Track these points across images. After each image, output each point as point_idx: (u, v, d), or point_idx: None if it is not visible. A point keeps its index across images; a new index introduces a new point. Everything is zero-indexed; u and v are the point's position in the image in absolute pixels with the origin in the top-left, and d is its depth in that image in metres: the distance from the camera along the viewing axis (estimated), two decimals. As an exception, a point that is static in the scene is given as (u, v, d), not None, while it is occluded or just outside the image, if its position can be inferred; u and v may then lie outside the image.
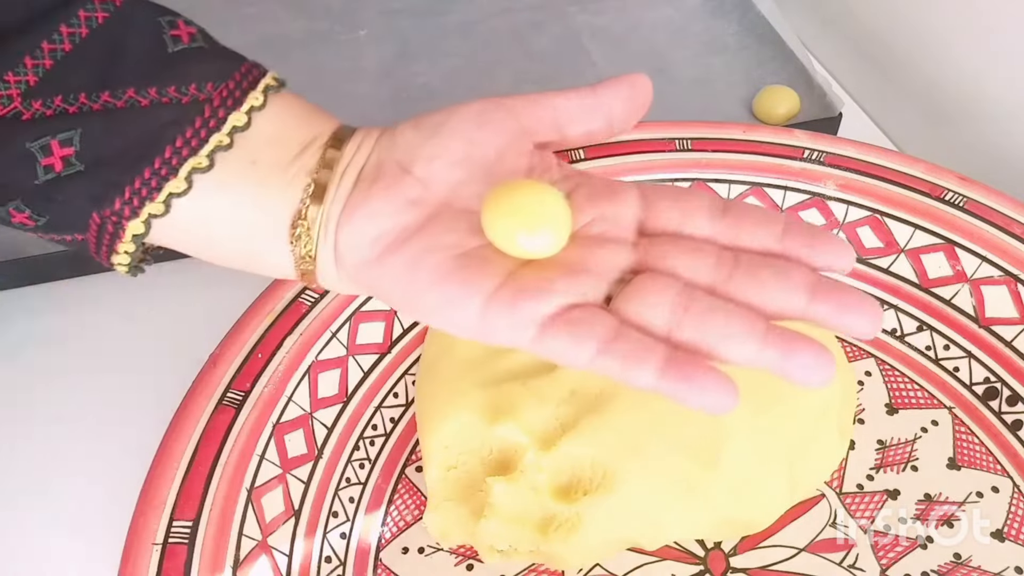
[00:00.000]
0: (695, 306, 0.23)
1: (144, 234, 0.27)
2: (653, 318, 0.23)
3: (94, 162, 0.25)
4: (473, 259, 0.25)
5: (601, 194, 0.27)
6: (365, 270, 0.27)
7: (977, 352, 0.40)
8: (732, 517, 0.34)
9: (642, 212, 0.26)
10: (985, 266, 0.40)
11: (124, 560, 0.30)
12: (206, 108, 0.26)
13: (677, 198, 0.26)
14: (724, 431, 0.34)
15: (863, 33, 0.65)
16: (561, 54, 0.61)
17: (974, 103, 0.56)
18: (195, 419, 0.34)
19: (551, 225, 0.24)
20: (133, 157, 0.26)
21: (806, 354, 0.22)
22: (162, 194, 0.26)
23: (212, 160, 0.26)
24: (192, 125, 0.26)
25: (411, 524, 0.37)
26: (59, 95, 0.25)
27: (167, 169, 0.26)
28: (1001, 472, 0.37)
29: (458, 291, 0.25)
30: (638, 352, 0.22)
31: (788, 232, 0.25)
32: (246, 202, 0.27)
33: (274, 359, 0.37)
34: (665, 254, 0.25)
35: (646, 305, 0.23)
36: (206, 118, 0.26)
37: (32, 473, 0.41)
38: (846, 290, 0.23)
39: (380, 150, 0.28)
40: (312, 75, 0.60)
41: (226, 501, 0.33)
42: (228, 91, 0.27)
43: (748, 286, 0.24)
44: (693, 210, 0.26)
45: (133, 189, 0.26)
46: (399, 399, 0.40)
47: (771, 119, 0.55)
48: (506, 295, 0.24)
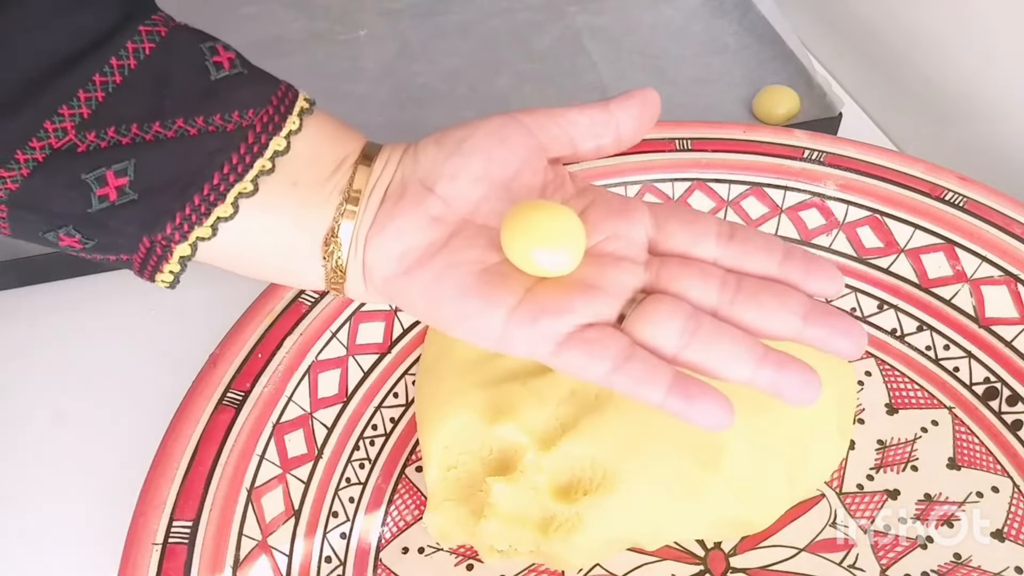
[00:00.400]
0: (702, 330, 0.25)
1: (191, 256, 0.28)
2: (664, 341, 0.25)
3: (146, 191, 0.26)
4: (494, 275, 0.27)
5: (615, 212, 0.28)
6: (392, 283, 0.28)
7: (977, 352, 0.40)
8: (732, 517, 0.34)
9: (653, 232, 0.28)
10: (985, 266, 0.40)
11: (124, 560, 0.31)
12: (249, 135, 0.27)
13: (687, 220, 0.28)
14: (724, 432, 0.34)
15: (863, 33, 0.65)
16: (561, 54, 0.61)
17: (974, 103, 0.56)
18: (195, 419, 0.34)
19: (566, 247, 0.26)
20: (183, 185, 0.27)
21: (796, 375, 0.25)
22: (210, 219, 0.27)
23: (256, 185, 0.28)
24: (237, 151, 0.27)
25: (411, 524, 0.37)
26: (112, 126, 0.26)
27: (215, 195, 0.27)
28: (1001, 472, 0.37)
29: (480, 305, 0.26)
30: (648, 373, 0.24)
31: (788, 258, 0.27)
32: (287, 223, 0.29)
33: (274, 359, 0.37)
34: (675, 276, 0.27)
35: (658, 327, 0.25)
36: (250, 144, 0.27)
37: (32, 473, 0.41)
38: (837, 315, 0.26)
39: (404, 168, 0.29)
40: (312, 75, 0.60)
41: (226, 501, 0.33)
42: (268, 116, 0.28)
43: (750, 309, 0.26)
44: (702, 233, 0.28)
45: (184, 215, 0.27)
46: (399, 399, 0.40)
47: (771, 119, 0.55)
48: (527, 311, 0.26)
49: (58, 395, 0.44)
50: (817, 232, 0.44)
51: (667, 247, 0.28)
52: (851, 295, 0.43)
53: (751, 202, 0.45)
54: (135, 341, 0.46)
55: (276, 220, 0.28)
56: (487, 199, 0.28)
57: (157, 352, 0.44)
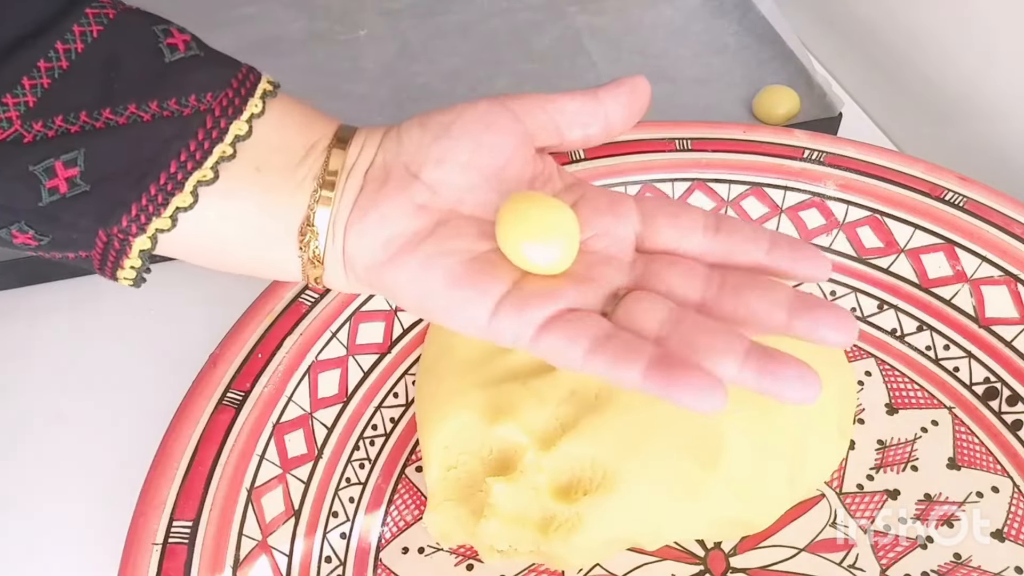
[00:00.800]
0: (684, 323, 0.24)
1: (150, 249, 0.27)
2: (644, 325, 0.24)
3: (99, 181, 0.25)
4: (484, 263, 0.26)
5: (603, 209, 0.28)
6: (375, 272, 0.27)
7: (977, 352, 0.40)
8: (732, 517, 0.34)
9: (641, 227, 0.27)
10: (985, 266, 0.40)
11: (124, 560, 0.30)
12: (207, 119, 0.26)
13: (674, 215, 0.27)
14: (724, 431, 0.34)
15: (863, 33, 0.65)
16: (561, 54, 0.61)
17: (974, 103, 0.56)
18: (195, 419, 0.34)
19: (563, 246, 0.26)
20: (138, 174, 0.26)
21: (789, 374, 0.23)
22: (168, 209, 0.26)
23: (217, 172, 0.26)
24: (195, 137, 0.26)
25: (411, 524, 0.37)
26: (60, 115, 0.25)
27: (173, 184, 0.26)
28: (1001, 472, 0.37)
29: (469, 295, 0.25)
30: (628, 350, 0.23)
31: (774, 246, 0.26)
32: (253, 210, 0.27)
33: (274, 359, 0.37)
34: (659, 274, 0.26)
35: (639, 315, 0.24)
36: (208, 129, 0.26)
37: (32, 473, 0.41)
38: (824, 306, 0.24)
39: (385, 151, 0.28)
40: (312, 75, 0.60)
41: (226, 501, 0.33)
42: (228, 100, 0.27)
43: (734, 304, 0.25)
44: (688, 228, 0.27)
45: (140, 206, 0.26)
46: (399, 399, 0.40)
47: (771, 119, 0.55)
48: (514, 300, 0.25)
49: (58, 395, 0.44)
50: (817, 232, 0.44)
51: (654, 243, 0.27)
52: (851, 295, 0.43)
53: (751, 202, 0.45)
54: (135, 341, 0.46)
55: (240, 208, 0.27)
56: (475, 189, 0.27)
57: (157, 352, 0.44)
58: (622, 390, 0.34)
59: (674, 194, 0.45)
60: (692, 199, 0.45)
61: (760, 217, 0.45)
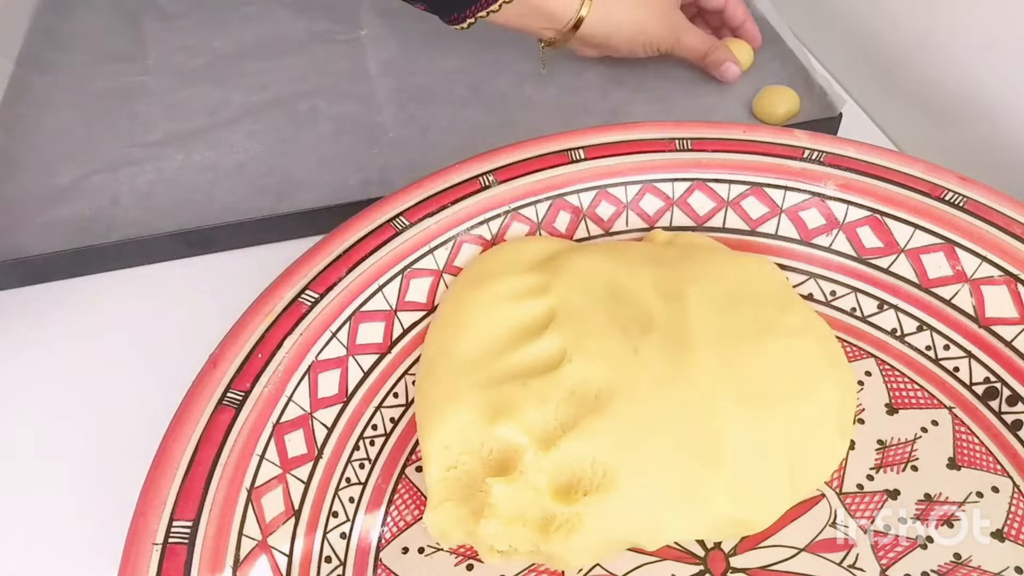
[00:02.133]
0: None
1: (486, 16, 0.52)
2: None
3: None
4: None
5: None
6: None
7: (977, 352, 0.40)
8: (732, 517, 0.34)
9: None
10: (985, 266, 0.40)
11: (124, 560, 0.30)
12: None
13: None
14: (724, 431, 0.34)
15: (863, 33, 0.65)
16: (561, 54, 0.61)
17: (974, 103, 0.56)
18: (195, 419, 0.34)
19: None
20: None
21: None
22: None
23: None
24: None
25: (411, 524, 0.37)
26: None
27: None
28: (1001, 472, 0.37)
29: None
30: None
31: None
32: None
33: (274, 359, 0.37)
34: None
35: None
36: None
37: (32, 473, 0.41)
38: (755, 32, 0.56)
39: None
40: (312, 75, 0.60)
41: (226, 501, 0.33)
42: None
43: None
44: None
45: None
46: (399, 399, 0.40)
47: (771, 119, 0.55)
48: None
49: (58, 395, 0.44)
50: (817, 232, 0.44)
51: None
52: (851, 295, 0.43)
53: (751, 202, 0.45)
54: (135, 341, 0.46)
55: None
56: None
57: (157, 352, 0.44)
58: (623, 390, 0.34)
59: (674, 194, 0.45)
60: (692, 199, 0.45)
61: (760, 217, 0.45)
